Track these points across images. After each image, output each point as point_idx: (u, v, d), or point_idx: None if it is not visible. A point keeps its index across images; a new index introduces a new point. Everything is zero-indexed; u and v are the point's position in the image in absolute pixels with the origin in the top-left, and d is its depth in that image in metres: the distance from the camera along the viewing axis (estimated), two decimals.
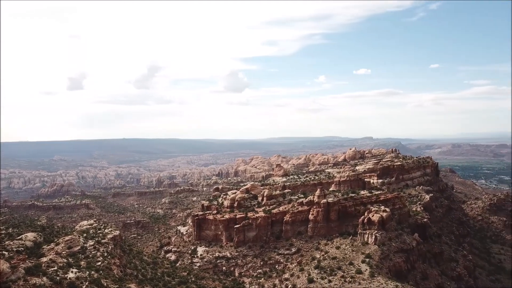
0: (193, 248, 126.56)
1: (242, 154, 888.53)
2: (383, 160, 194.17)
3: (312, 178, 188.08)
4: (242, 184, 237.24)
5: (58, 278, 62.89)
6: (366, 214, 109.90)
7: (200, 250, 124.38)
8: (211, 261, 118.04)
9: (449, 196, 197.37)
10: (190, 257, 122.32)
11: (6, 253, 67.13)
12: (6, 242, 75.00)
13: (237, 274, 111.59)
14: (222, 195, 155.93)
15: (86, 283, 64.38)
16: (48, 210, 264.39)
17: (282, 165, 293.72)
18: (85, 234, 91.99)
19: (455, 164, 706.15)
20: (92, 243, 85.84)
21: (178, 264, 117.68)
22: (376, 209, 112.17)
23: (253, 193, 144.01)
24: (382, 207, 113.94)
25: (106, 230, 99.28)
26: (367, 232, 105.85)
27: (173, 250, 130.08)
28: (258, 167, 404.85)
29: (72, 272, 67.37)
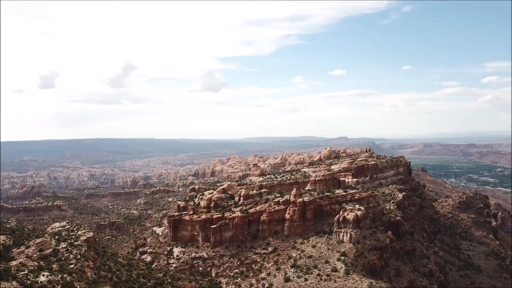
0: (169, 249, 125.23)
1: (219, 154, 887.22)
2: (358, 159, 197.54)
3: (288, 177, 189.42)
4: (219, 184, 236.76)
5: (28, 282, 61.44)
6: (341, 212, 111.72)
7: (176, 251, 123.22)
8: (188, 261, 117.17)
9: (421, 194, 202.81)
10: (166, 258, 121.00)
11: None
12: None
13: (214, 274, 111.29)
14: (198, 196, 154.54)
15: (59, 287, 63.07)
16: (18, 212, 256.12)
17: (259, 165, 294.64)
18: (57, 237, 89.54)
19: (427, 163, 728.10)
20: (64, 246, 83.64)
21: (154, 265, 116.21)
22: (351, 207, 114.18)
23: (230, 193, 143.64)
24: (357, 206, 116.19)
25: (79, 232, 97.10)
26: (342, 230, 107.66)
27: (148, 251, 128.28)
28: (235, 167, 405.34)
29: (43, 275, 65.75)
